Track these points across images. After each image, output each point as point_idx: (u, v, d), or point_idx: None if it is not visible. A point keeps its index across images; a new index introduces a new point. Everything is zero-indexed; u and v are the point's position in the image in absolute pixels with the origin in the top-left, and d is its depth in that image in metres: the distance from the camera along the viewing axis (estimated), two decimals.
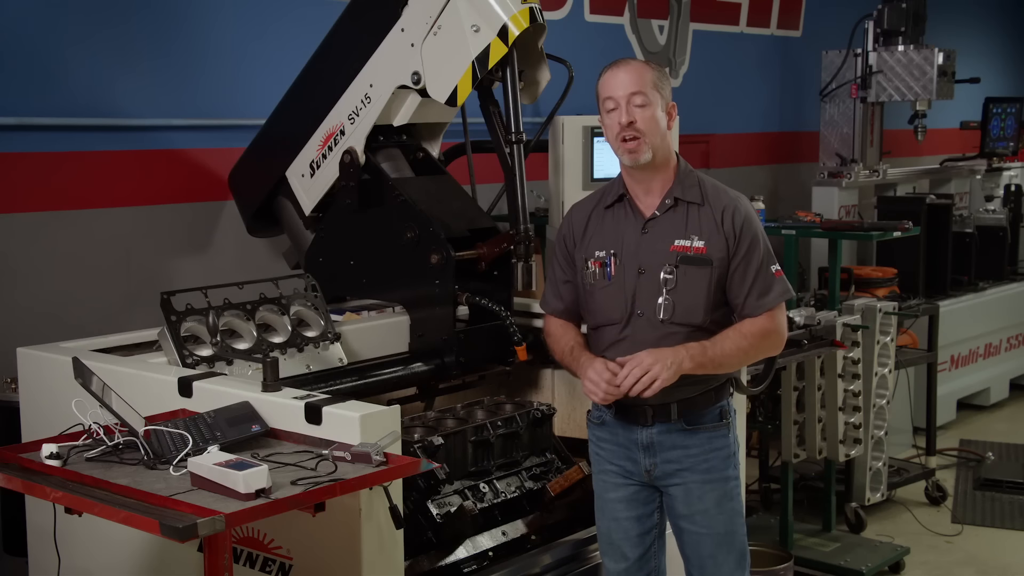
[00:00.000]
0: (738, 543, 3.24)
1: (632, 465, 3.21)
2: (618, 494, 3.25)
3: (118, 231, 4.55)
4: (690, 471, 3.16)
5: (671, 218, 3.13)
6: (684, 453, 3.16)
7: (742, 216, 3.13)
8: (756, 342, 3.13)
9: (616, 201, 3.20)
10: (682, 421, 3.15)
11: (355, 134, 3.93)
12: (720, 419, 3.20)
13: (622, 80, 3.08)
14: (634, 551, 3.25)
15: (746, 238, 3.11)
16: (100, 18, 4.43)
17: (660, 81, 3.11)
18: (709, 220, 3.11)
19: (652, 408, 3.13)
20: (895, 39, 7.16)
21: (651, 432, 3.16)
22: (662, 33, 7.06)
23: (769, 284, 3.12)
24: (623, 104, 3.06)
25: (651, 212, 3.15)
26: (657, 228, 3.13)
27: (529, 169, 3.84)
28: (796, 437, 4.95)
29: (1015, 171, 8.58)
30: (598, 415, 3.28)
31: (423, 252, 3.73)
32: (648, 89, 3.07)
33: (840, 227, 5.76)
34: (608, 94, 3.09)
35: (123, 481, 2.41)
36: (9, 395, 3.66)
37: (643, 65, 3.13)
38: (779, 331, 3.18)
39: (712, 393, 3.18)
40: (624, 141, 3.07)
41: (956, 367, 7.32)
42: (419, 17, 3.74)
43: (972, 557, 5.30)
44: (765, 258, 3.13)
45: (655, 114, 3.07)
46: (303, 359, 3.52)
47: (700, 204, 3.13)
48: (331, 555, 2.80)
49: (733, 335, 3.10)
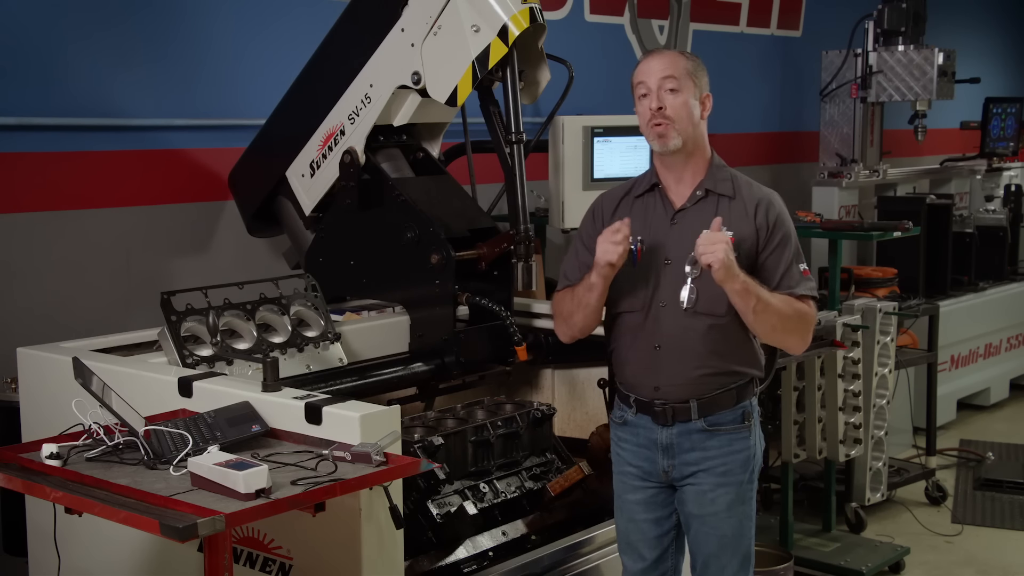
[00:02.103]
0: (744, 546, 3.21)
1: (651, 465, 3.18)
2: (636, 496, 3.22)
3: (118, 231, 4.54)
4: (706, 473, 3.13)
5: (701, 209, 3.11)
6: (703, 455, 3.13)
7: (776, 211, 3.11)
8: (793, 316, 3.06)
9: (647, 191, 3.18)
10: (702, 421, 3.11)
11: (355, 134, 3.93)
12: (742, 421, 3.15)
13: (655, 66, 3.07)
14: (651, 552, 3.24)
15: (778, 232, 3.09)
16: (100, 18, 4.42)
17: (695, 70, 3.09)
18: (740, 213, 3.09)
19: (672, 407, 3.11)
20: (895, 39, 7.15)
21: (671, 432, 3.13)
22: (662, 33, 7.05)
23: (798, 279, 3.09)
24: (654, 89, 3.06)
25: (682, 203, 3.13)
26: (687, 219, 3.11)
27: (529, 169, 3.84)
28: (796, 437, 4.94)
29: (1015, 171, 8.58)
30: (620, 415, 3.25)
31: (423, 252, 3.73)
32: (681, 75, 3.05)
33: (840, 227, 5.75)
34: (640, 79, 3.09)
35: (123, 481, 2.41)
36: (9, 395, 3.66)
37: (678, 54, 3.12)
38: (812, 319, 3.12)
39: (735, 392, 3.14)
40: (654, 126, 3.06)
41: (956, 367, 7.32)
42: (419, 17, 3.75)
43: (972, 557, 5.30)
44: (795, 255, 3.11)
45: (687, 101, 3.06)
46: (303, 359, 3.52)
47: (731, 197, 3.11)
48: (331, 555, 2.80)
49: (781, 297, 3.04)
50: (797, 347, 3.18)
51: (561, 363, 4.08)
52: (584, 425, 4.01)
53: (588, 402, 4.04)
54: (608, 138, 5.18)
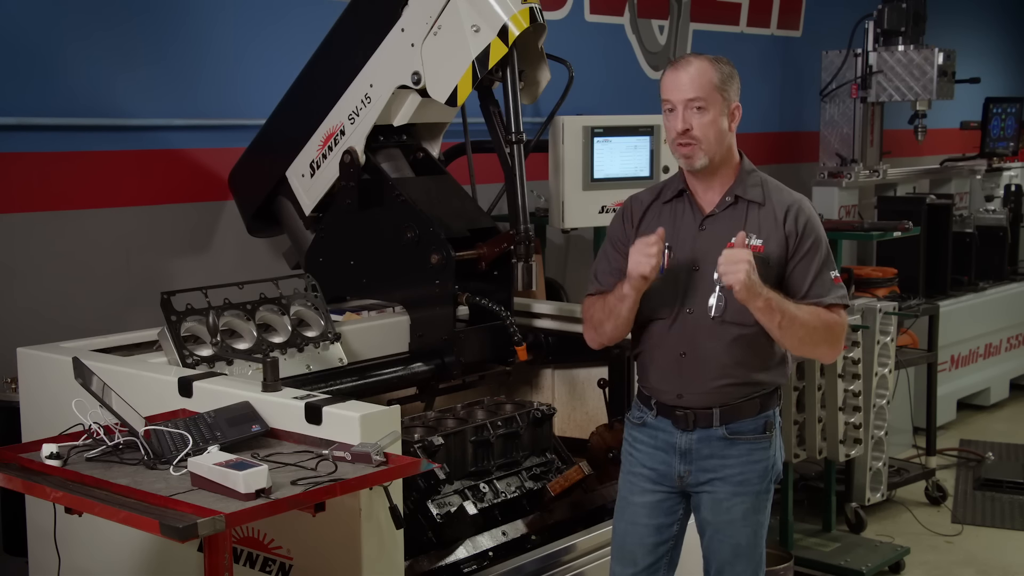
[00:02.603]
0: (757, 555, 3.17)
1: (666, 468, 3.13)
2: (643, 499, 3.17)
3: (118, 231, 4.55)
4: (723, 481, 3.09)
5: (730, 216, 3.06)
6: (721, 463, 3.09)
7: (806, 216, 3.06)
8: (822, 328, 3.00)
9: (675, 196, 3.13)
10: (723, 429, 3.07)
11: (355, 134, 3.93)
12: (764, 431, 3.11)
13: (682, 83, 2.99)
14: (645, 558, 3.18)
15: (808, 237, 3.04)
16: (100, 18, 4.42)
17: (725, 82, 3.00)
18: (770, 219, 3.05)
19: (694, 413, 3.07)
20: (895, 39, 7.15)
21: (691, 438, 3.09)
22: (662, 33, 7.05)
23: (828, 287, 3.04)
24: (680, 109, 2.99)
25: (710, 209, 3.08)
26: (715, 225, 3.06)
27: (529, 169, 3.84)
28: (796, 437, 4.94)
29: (1015, 171, 8.58)
30: (639, 415, 3.20)
31: (423, 252, 3.73)
32: (709, 93, 2.97)
33: (840, 227, 5.76)
34: (666, 96, 3.02)
35: (123, 481, 2.41)
36: (9, 395, 3.66)
37: (708, 66, 3.00)
38: (844, 328, 3.07)
39: (758, 401, 3.10)
40: (680, 146, 3.02)
41: (956, 367, 7.32)
42: (419, 17, 3.75)
43: (972, 557, 5.30)
44: (826, 261, 3.06)
45: (715, 119, 2.98)
46: (303, 359, 3.52)
47: (761, 204, 3.06)
48: (331, 555, 2.80)
49: (808, 309, 2.99)
50: (828, 357, 3.16)
51: (561, 363, 4.08)
52: (584, 425, 4.01)
53: (588, 402, 4.04)
54: (608, 138, 5.18)
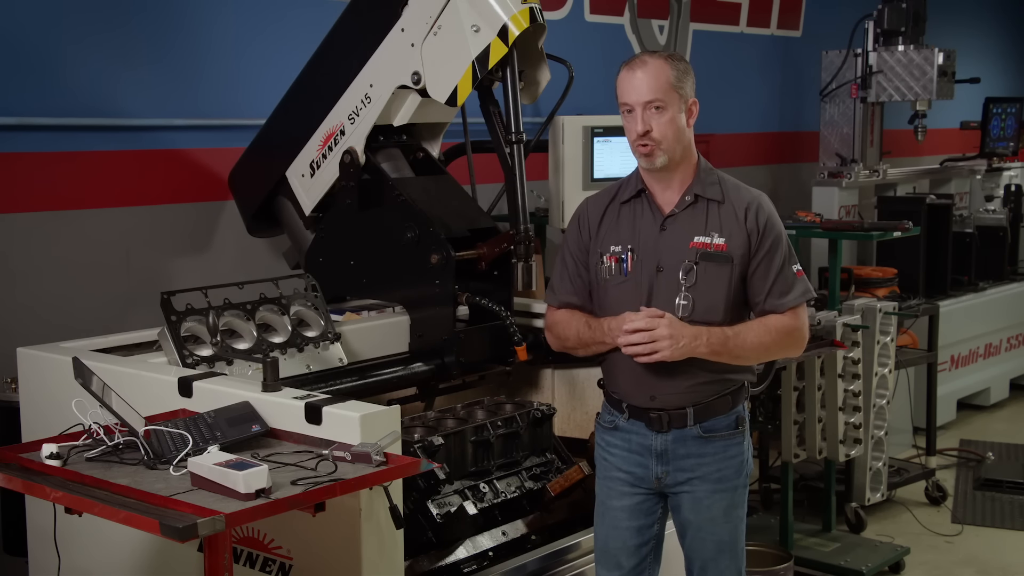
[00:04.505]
0: (739, 549, 3.22)
1: (643, 471, 3.14)
2: (622, 502, 3.18)
3: (118, 231, 4.54)
4: (701, 480, 3.11)
5: (691, 215, 3.08)
6: (698, 462, 3.11)
7: (766, 214, 3.09)
8: (779, 338, 3.07)
9: (633, 197, 3.13)
10: (698, 428, 3.09)
11: (355, 134, 3.93)
12: (736, 427, 3.15)
13: (639, 85, 3.01)
14: (629, 560, 3.20)
15: (769, 235, 3.07)
16: (100, 18, 4.42)
17: (681, 80, 3.02)
18: (730, 217, 3.06)
19: (668, 414, 3.09)
20: (895, 39, 7.15)
21: (666, 439, 3.10)
22: (662, 33, 7.05)
23: (791, 283, 3.08)
24: (639, 111, 3.01)
25: (670, 209, 3.09)
26: (676, 225, 3.08)
27: (529, 169, 3.84)
28: (796, 437, 4.95)
29: (1015, 171, 8.58)
30: (610, 419, 3.21)
31: (423, 252, 3.73)
32: (666, 93, 2.99)
33: (840, 227, 5.75)
34: (624, 99, 3.04)
35: (123, 481, 2.41)
36: (9, 395, 3.66)
37: (662, 64, 3.02)
38: (802, 331, 3.12)
39: (729, 397, 3.13)
40: (640, 146, 3.03)
41: (956, 367, 7.32)
42: (419, 17, 3.74)
43: (972, 557, 5.30)
44: (787, 257, 3.09)
45: (673, 117, 3.01)
46: (303, 359, 3.52)
47: (720, 202, 3.08)
48: (331, 555, 2.80)
49: (757, 328, 3.05)
50: (792, 356, 3.24)
51: (561, 363, 4.08)
52: (584, 425, 4.01)
53: (588, 402, 4.04)
54: (608, 138, 5.18)
